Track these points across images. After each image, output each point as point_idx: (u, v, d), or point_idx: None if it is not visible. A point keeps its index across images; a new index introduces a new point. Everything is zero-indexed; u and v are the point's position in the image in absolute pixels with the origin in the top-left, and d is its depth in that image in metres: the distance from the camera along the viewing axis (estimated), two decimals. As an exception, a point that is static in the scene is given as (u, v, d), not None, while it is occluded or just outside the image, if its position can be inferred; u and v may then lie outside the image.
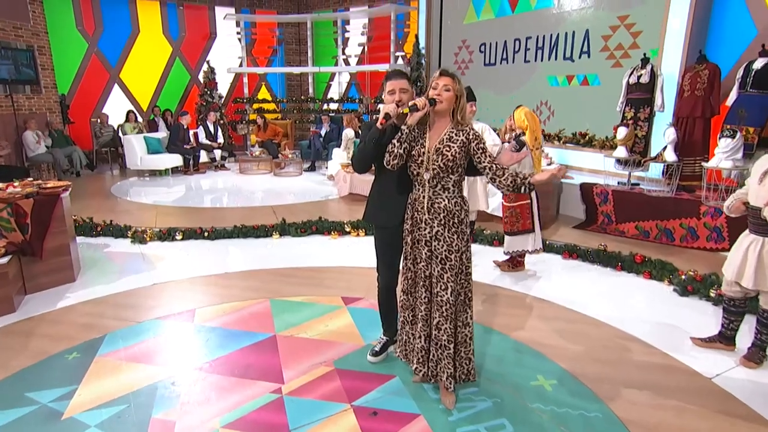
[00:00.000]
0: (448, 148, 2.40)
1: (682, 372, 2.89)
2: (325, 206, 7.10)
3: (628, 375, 2.85)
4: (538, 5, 7.62)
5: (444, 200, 2.46)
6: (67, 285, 4.14)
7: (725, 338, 3.08)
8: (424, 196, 2.50)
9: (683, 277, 4.08)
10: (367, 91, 11.70)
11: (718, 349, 3.09)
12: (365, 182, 6.96)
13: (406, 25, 11.20)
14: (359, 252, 5.12)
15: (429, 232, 2.49)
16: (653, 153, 5.79)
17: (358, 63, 12.00)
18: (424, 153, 2.45)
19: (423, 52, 9.77)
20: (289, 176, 9.62)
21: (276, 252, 5.15)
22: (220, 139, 10.50)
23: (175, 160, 9.52)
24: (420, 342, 2.58)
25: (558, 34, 7.31)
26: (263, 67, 12.66)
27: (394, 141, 2.46)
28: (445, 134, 2.44)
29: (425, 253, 2.52)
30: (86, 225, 5.66)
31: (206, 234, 5.54)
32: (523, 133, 4.26)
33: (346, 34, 12.13)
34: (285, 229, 5.75)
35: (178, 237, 5.48)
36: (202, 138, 10.17)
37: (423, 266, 2.53)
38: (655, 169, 5.77)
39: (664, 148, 5.30)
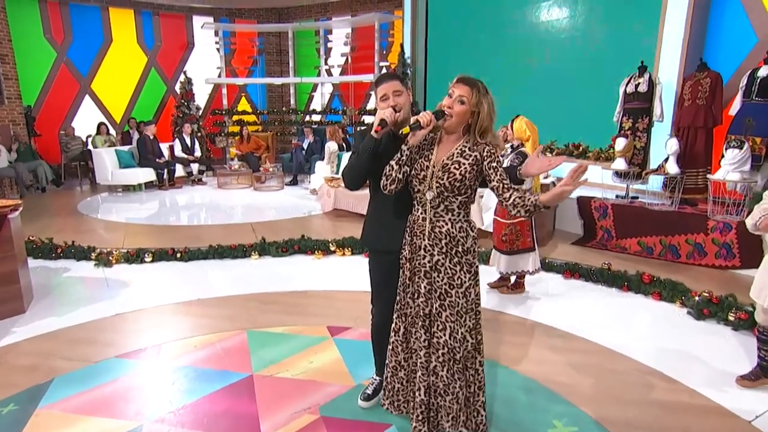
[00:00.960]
0: (457, 165, 2.05)
1: (717, 413, 2.55)
2: (308, 223, 6.70)
3: (656, 418, 2.50)
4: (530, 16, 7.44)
5: (446, 224, 2.10)
6: (15, 318, 3.65)
7: (764, 370, 2.76)
8: (424, 219, 2.14)
9: (697, 298, 3.78)
10: (351, 102, 11.37)
11: (764, 386, 2.77)
12: (350, 197, 6.59)
13: (390, 35, 10.94)
14: (345, 274, 4.73)
15: (429, 261, 2.13)
16: (653, 165, 5.55)
17: (342, 73, 11.68)
18: (428, 168, 2.10)
19: (408, 61, 9.50)
20: (270, 191, 9.20)
21: (255, 274, 4.73)
22: (197, 152, 10.03)
23: (148, 174, 9.02)
24: (420, 395, 2.18)
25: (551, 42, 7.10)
26: (243, 78, 12.26)
27: (392, 163, 2.10)
28: (457, 148, 2.09)
29: (424, 287, 2.15)
30: (45, 246, 5.16)
31: (179, 255, 5.09)
32: (522, 145, 3.94)
33: (329, 44, 11.81)
34: (265, 248, 5.33)
35: (148, 259, 5.02)
36: (178, 151, 9.69)
37: (422, 302, 2.16)
38: (655, 182, 5.52)
39: (666, 159, 5.05)
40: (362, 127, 2.38)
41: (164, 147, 9.64)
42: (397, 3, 10.26)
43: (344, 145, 8.63)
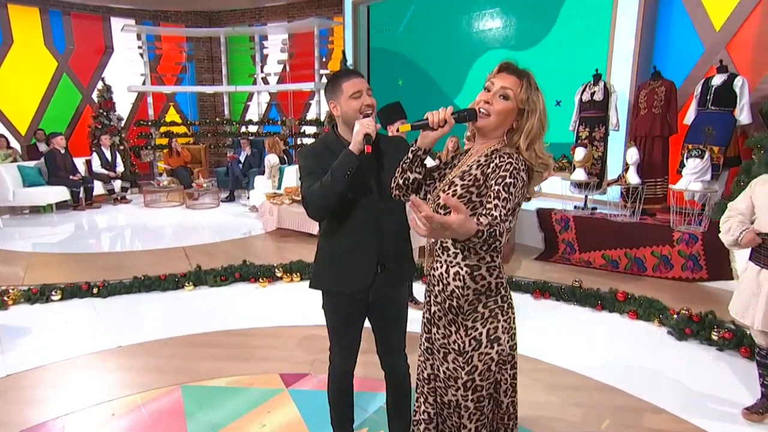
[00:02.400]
0: (448, 187, 1.55)
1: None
2: (249, 245, 6.04)
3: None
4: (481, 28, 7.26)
5: (441, 266, 1.57)
6: None
7: (768, 399, 2.54)
8: (426, 254, 1.70)
9: (676, 316, 3.59)
10: (290, 112, 10.76)
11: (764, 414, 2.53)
12: (296, 215, 6.02)
13: (330, 41, 10.48)
14: (296, 304, 4.17)
15: (427, 311, 1.68)
16: (610, 174, 5.43)
17: (279, 82, 11.05)
18: (435, 188, 1.63)
19: (351, 69, 9.06)
20: (205, 208, 8.40)
21: (189, 310, 4.06)
22: (120, 168, 9.03)
23: (60, 193, 7.94)
24: None
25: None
26: (171, 86, 11.31)
27: (402, 164, 1.63)
28: (475, 160, 1.52)
29: (424, 340, 1.70)
30: None
31: (95, 290, 4.31)
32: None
33: (265, 51, 11.16)
34: (201, 277, 4.66)
35: (55, 297, 4.20)
36: (97, 166, 8.66)
37: (421, 360, 1.70)
38: (612, 192, 5.40)
39: (626, 169, 4.93)
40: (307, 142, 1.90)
41: (80, 162, 8.57)
42: (337, 9, 9.84)
43: (285, 157, 8.03)
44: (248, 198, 8.24)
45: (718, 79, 4.59)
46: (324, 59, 10.38)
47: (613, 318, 3.88)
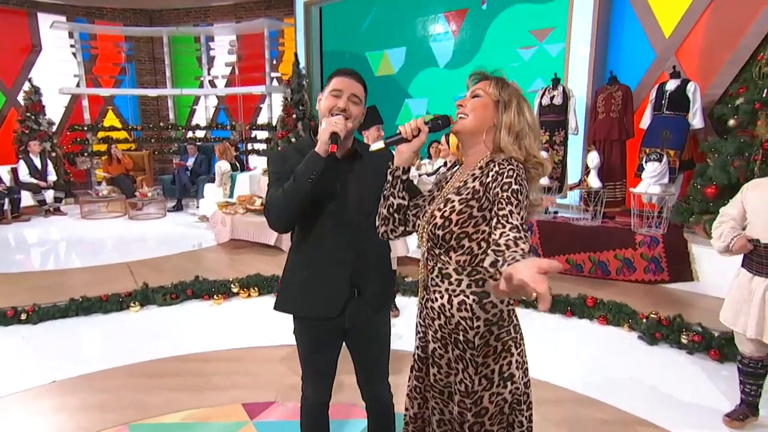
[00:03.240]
0: (443, 204, 1.38)
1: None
2: (201, 258, 5.66)
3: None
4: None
5: (441, 297, 1.39)
6: None
7: (750, 407, 2.51)
8: (419, 285, 1.50)
9: (645, 321, 3.59)
10: (240, 116, 10.33)
11: (751, 425, 2.51)
12: (251, 225, 5.70)
13: (281, 43, 10.16)
14: (255, 322, 3.88)
15: (422, 349, 1.51)
16: (570, 178, 5.47)
17: (227, 85, 10.59)
18: (426, 212, 1.45)
19: (304, 72, 8.79)
20: (150, 219, 7.86)
21: (136, 334, 3.68)
22: (52, 176, 8.30)
23: (-19, 206, 7.20)
24: None
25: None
26: (109, 89, 10.59)
27: (384, 193, 1.47)
28: (470, 173, 1.39)
29: (414, 377, 1.52)
30: None
31: (24, 316, 3.84)
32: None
33: (211, 53, 10.66)
34: (148, 296, 4.26)
35: (-23, 326, 3.71)
36: (24, 175, 7.91)
37: (418, 403, 1.51)
38: (573, 196, 5.44)
39: (587, 172, 4.96)
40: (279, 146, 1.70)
41: (3, 170, 7.82)
42: (287, 10, 9.53)
43: (237, 164, 7.65)
44: (197, 207, 7.79)
45: (671, 85, 4.70)
46: (275, 62, 10.04)
47: (583, 324, 3.84)
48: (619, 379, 3.02)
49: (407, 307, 4.10)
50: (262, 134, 9.66)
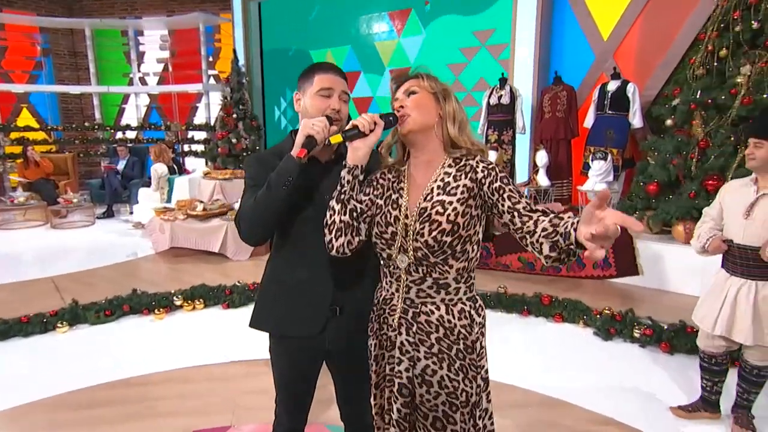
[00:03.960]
0: (441, 208, 1.29)
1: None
2: (138, 269, 5.23)
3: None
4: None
5: (439, 308, 1.34)
6: None
7: (709, 404, 2.57)
8: (397, 299, 1.36)
9: (599, 316, 3.67)
10: (175, 116, 9.77)
11: (703, 419, 2.58)
12: (194, 231, 5.35)
13: (217, 40, 9.70)
14: (204, 336, 3.60)
15: (408, 369, 1.38)
16: (519, 177, 5.55)
17: (160, 82, 10.00)
18: (397, 219, 1.33)
19: (243, 70, 8.42)
20: (76, 228, 7.21)
21: (66, 359, 3.30)
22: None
23: None
24: None
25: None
26: (22, 85, 9.67)
27: (332, 203, 1.33)
28: (436, 179, 1.34)
29: (398, 409, 1.39)
30: None
31: (-72, 345, 3.35)
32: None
33: (141, 47, 10.02)
34: (78, 314, 3.85)
35: None
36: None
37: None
38: (521, 194, 5.53)
39: (536, 171, 5.04)
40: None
41: None
42: (223, 5, 9.12)
43: (175, 167, 7.19)
44: (131, 213, 7.25)
45: (612, 85, 4.87)
46: (211, 59, 9.58)
47: (540, 322, 3.88)
48: (580, 377, 3.04)
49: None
50: (200, 135, 9.18)
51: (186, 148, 9.33)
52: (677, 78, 4.94)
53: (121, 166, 8.19)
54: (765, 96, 3.87)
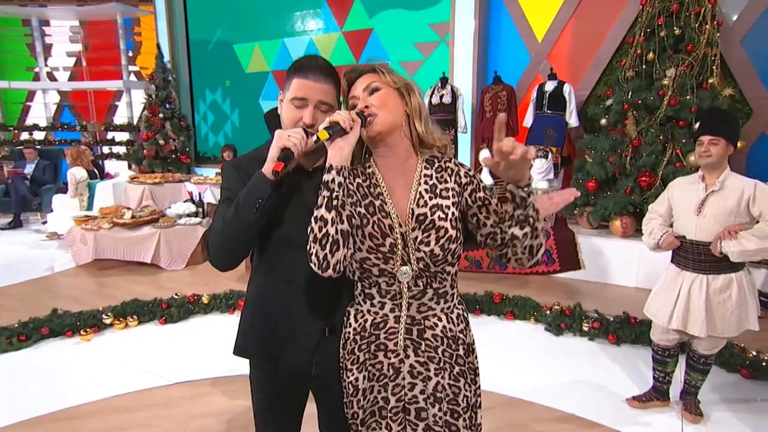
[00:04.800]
0: (441, 212, 1.23)
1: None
2: (55, 286, 4.71)
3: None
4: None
5: (442, 319, 1.28)
6: None
7: (661, 393, 2.68)
8: (398, 319, 1.26)
9: (549, 312, 3.75)
10: (92, 115, 8.99)
11: (655, 407, 2.68)
12: (121, 241, 4.91)
13: (136, 33, 9.05)
14: (141, 357, 3.27)
15: (422, 392, 1.28)
16: (462, 176, 5.60)
17: (72, 78, 9.15)
18: (390, 228, 1.22)
19: (169, 66, 7.89)
20: (-24, 240, 6.42)
21: (-25, 396, 2.88)
22: None
23: None
24: None
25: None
26: None
27: (321, 213, 1.16)
28: (420, 181, 1.26)
29: (421, 430, 1.29)
30: None
31: None
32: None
33: (48, 39, 9.12)
34: (-14, 342, 3.39)
35: None
36: None
37: None
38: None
39: (479, 170, 5.10)
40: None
41: None
42: (143, -5, 8.50)
43: (96, 170, 6.58)
44: (44, 223, 6.55)
45: (550, 86, 5.02)
46: (131, 53, 8.91)
47: (492, 321, 3.91)
48: (538, 374, 3.07)
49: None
50: (122, 136, 8.50)
51: (106, 150, 8.61)
52: (606, 79, 5.20)
53: (29, 170, 7.38)
54: (688, 97, 4.16)
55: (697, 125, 3.37)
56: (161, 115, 7.44)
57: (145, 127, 7.48)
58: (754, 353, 3.05)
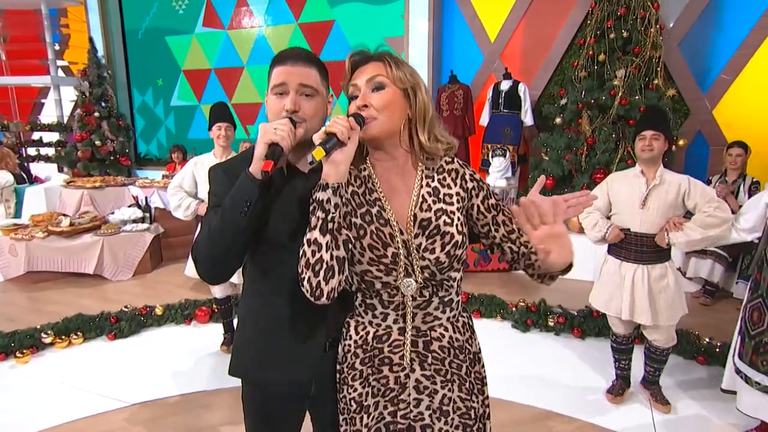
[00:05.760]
0: (447, 217, 1.15)
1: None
2: (-17, 302, 4.25)
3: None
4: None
5: (448, 329, 1.21)
6: None
7: (625, 380, 2.79)
8: (403, 330, 1.18)
9: (515, 309, 3.80)
10: (14, 114, 8.23)
11: (627, 398, 2.76)
12: (58, 251, 4.51)
13: (63, 25, 8.38)
14: (89, 377, 2.99)
15: (428, 407, 1.21)
16: (420, 176, 5.59)
17: (-10, 73, 8.35)
18: (391, 236, 1.14)
19: (103, 61, 7.36)
20: None
21: None
22: None
23: None
24: None
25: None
26: None
27: (314, 236, 1.06)
28: (421, 183, 1.18)
29: None
30: None
31: None
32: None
33: (-41, 30, 8.27)
34: None
35: None
36: None
37: None
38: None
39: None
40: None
41: None
42: (69, -17, 7.87)
43: (24, 174, 6.01)
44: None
45: (505, 85, 5.11)
46: (58, 47, 8.24)
47: (460, 320, 3.90)
48: (511, 372, 3.09)
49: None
50: (50, 136, 7.84)
51: (32, 151, 7.91)
52: (558, 79, 5.35)
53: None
54: (637, 97, 4.34)
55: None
56: (97, 114, 6.92)
57: (78, 127, 6.93)
58: (708, 340, 3.22)
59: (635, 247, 2.51)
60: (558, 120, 4.73)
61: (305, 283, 1.07)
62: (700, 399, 2.74)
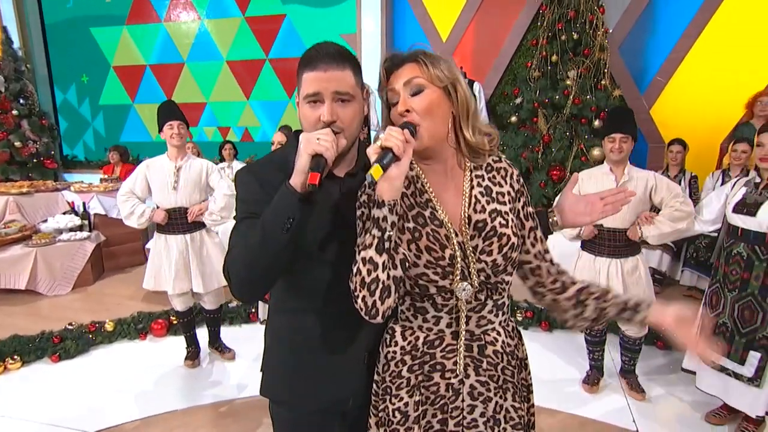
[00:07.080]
0: (502, 219, 1.11)
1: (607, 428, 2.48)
2: None
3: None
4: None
5: (501, 333, 1.17)
6: None
7: (598, 370, 2.89)
8: (456, 335, 1.13)
9: (483, 305, 3.83)
10: None
11: (602, 387, 2.86)
12: (5, 262, 4.01)
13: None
14: (32, 405, 2.67)
15: (482, 415, 1.16)
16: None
17: None
18: (448, 237, 1.08)
19: (21, 54, 6.68)
20: None
21: None
22: None
23: None
24: None
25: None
26: None
27: (370, 254, 1.00)
28: (472, 183, 1.13)
29: None
30: None
31: None
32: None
33: None
34: None
35: None
36: None
37: None
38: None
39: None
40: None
41: None
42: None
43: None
44: None
45: (461, 84, 5.15)
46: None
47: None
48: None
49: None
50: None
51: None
52: (508, 79, 5.48)
53: None
54: (588, 97, 4.53)
55: (599, 123, 3.71)
56: (15, 112, 6.27)
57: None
58: (665, 326, 3.40)
59: (608, 242, 2.61)
60: (513, 119, 4.84)
61: (360, 301, 1.01)
62: (665, 382, 2.89)
